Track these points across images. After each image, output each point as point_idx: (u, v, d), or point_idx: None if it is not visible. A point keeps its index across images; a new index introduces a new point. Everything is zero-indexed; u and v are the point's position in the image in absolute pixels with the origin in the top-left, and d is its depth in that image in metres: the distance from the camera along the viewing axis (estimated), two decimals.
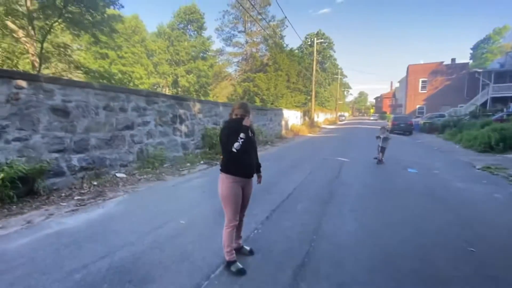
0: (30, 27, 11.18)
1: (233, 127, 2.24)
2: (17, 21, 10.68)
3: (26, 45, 11.74)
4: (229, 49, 28.85)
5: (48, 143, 4.88)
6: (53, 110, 4.95)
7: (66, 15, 9.87)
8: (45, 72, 12.25)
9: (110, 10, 11.06)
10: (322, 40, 38.39)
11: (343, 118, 54.17)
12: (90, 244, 2.59)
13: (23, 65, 13.27)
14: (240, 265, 2.30)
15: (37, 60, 11.72)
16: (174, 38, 38.78)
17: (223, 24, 28.21)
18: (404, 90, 38.71)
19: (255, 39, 26.17)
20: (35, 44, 11.50)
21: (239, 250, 2.55)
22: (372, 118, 56.45)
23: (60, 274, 2.11)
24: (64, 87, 5.12)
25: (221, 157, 2.43)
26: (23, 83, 4.49)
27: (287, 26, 27.27)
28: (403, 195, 4.75)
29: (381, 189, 5.09)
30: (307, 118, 24.96)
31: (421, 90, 33.59)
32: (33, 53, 11.66)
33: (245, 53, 26.09)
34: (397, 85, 54.74)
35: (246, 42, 26.71)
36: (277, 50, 22.88)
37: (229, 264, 2.30)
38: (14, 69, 10.84)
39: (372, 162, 7.78)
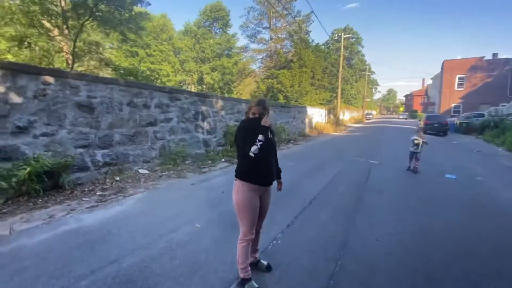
0: (64, 26, 11.69)
1: (250, 128, 1.98)
2: (52, 21, 11.19)
3: (61, 44, 12.31)
4: (253, 45, 28.69)
5: (73, 139, 4.97)
6: (78, 106, 5.03)
7: (96, 13, 10.19)
8: (78, 69, 12.78)
9: (137, 8, 11.29)
10: (350, 35, 36.99)
11: (370, 116, 52.08)
12: (103, 246, 2.51)
13: (60, 63, 13.96)
14: (255, 284, 2.05)
15: (71, 58, 12.27)
16: (200, 35, 39.35)
17: (247, 21, 28.05)
18: (437, 87, 36.32)
19: (279, 35, 25.74)
20: (68, 42, 12.02)
21: (255, 265, 2.30)
22: (401, 117, 53.66)
23: (67, 279, 2.03)
24: (89, 83, 5.19)
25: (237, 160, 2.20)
26: (50, 79, 4.58)
27: (313, 21, 26.55)
28: (444, 205, 4.23)
29: (416, 198, 4.59)
30: (332, 116, 24.18)
31: (458, 88, 31.26)
32: (67, 51, 12.21)
33: (269, 49, 25.75)
34: (430, 82, 51.53)
35: (271, 38, 26.34)
36: (302, 46, 22.30)
37: (243, 282, 2.06)
38: (50, 66, 11.39)
39: (404, 166, 7.15)
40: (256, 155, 1.88)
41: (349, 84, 43.94)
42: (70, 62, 12.24)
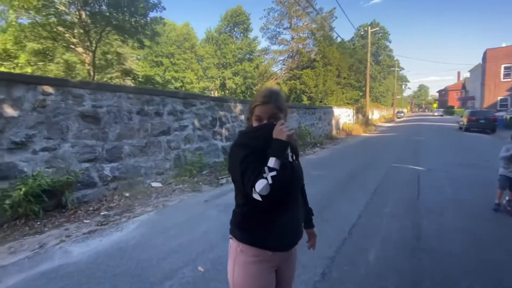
0: (86, 38, 11.80)
1: (254, 146, 1.06)
2: (74, 32, 11.30)
3: (83, 55, 12.47)
4: (274, 47, 27.96)
5: (78, 152, 4.56)
6: (82, 117, 4.61)
7: (114, 22, 10.13)
8: (100, 80, 12.87)
9: (153, 13, 11.18)
10: (377, 29, 35.05)
11: (402, 114, 49.05)
12: None
13: (84, 75, 14.24)
14: None
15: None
16: (221, 41, 39.52)
17: (268, 22, 27.42)
18: (478, 79, 33.09)
19: (301, 35, 24.80)
20: (90, 54, 12.12)
21: None
22: (436, 114, 49.82)
23: None
24: (94, 91, 4.77)
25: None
26: (50, 88, 4.19)
27: (336, 17, 25.31)
28: None
29: (495, 220, 3.39)
30: (360, 116, 22.71)
31: (504, 79, 28.10)
32: (89, 62, 12.33)
33: (291, 49, 24.89)
34: (467, 75, 47.40)
35: (292, 38, 25.48)
36: (326, 43, 21.19)
37: None
38: (72, 79, 11.51)
39: (460, 174, 5.70)
40: (266, 197, 0.95)
41: (377, 82, 41.64)
42: (92, 73, 12.34)
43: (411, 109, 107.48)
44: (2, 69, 8.17)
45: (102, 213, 4.16)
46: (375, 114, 32.53)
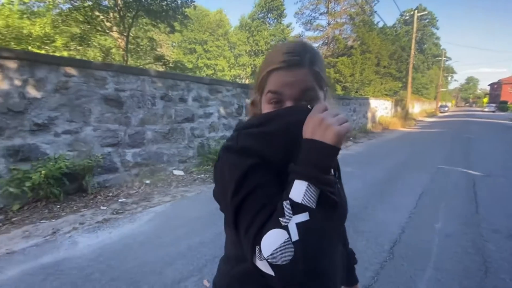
0: (121, 24, 11.95)
1: (264, 154, 0.54)
2: (110, 17, 11.47)
3: (118, 41, 12.69)
4: (308, 33, 26.64)
5: (100, 136, 4.46)
6: (105, 100, 4.49)
7: (145, 5, 10.08)
8: (132, 65, 13.07)
9: None
10: (424, 13, 31.97)
11: (446, 109, 44.98)
12: None
13: (119, 59, 14.60)
14: None
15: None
16: (254, 28, 38.78)
17: (303, 7, 26.09)
18: None
19: (338, 20, 23.27)
20: (125, 39, 12.29)
21: None
22: (486, 109, 44.97)
23: None
24: (117, 74, 4.61)
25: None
26: (72, 70, 4.07)
27: (378, 1, 23.31)
28: None
29: None
30: (399, 109, 21.03)
31: None
32: (123, 47, 12.53)
33: (326, 36, 23.52)
34: None
35: (329, 24, 24.03)
36: (365, 29, 19.62)
37: None
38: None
39: None
40: (284, 271, 0.45)
41: (420, 72, 38.40)
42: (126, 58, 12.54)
43: (456, 103, 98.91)
44: (43, 52, 8.47)
45: (120, 200, 4.04)
46: (416, 108, 30.10)
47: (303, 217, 0.46)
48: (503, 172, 5.52)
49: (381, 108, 17.95)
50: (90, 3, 9.11)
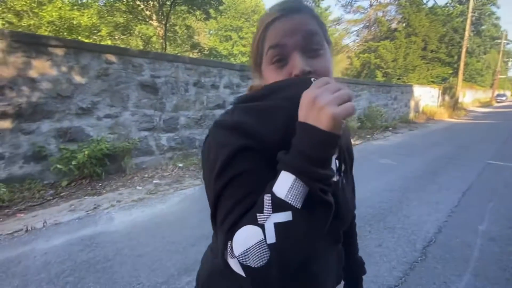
0: (160, 12, 12.33)
1: (260, 135, 0.45)
2: (150, 5, 11.90)
3: (157, 29, 13.15)
4: (348, 16, 25.29)
5: (137, 121, 4.72)
6: (142, 86, 4.70)
7: None
8: (171, 52, 13.50)
9: None
10: None
11: (504, 98, 40.07)
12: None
13: (159, 47, 15.18)
14: None
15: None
16: None
17: None
18: None
19: (382, 1, 21.60)
20: (163, 27, 12.69)
21: None
22: None
23: None
24: (153, 61, 4.78)
25: None
26: (112, 57, 4.31)
27: None
28: None
29: None
30: (447, 98, 19.21)
31: None
32: (162, 36, 12.97)
33: (367, 18, 22.03)
34: None
35: (371, 5, 22.43)
36: (412, 9, 17.96)
37: None
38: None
39: None
40: (254, 274, 0.38)
41: (475, 57, 34.42)
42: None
43: None
44: (90, 41, 9.11)
45: (154, 182, 4.27)
46: (467, 97, 27.26)
47: (285, 216, 0.39)
48: None
49: (426, 96, 16.54)
50: None
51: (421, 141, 8.10)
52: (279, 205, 0.39)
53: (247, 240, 0.39)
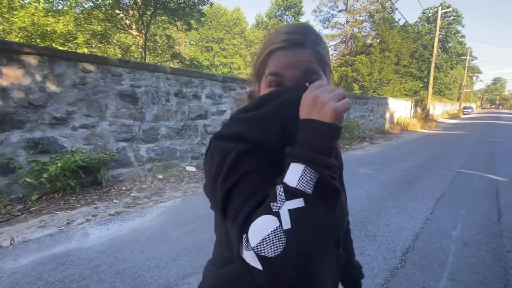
0: (140, 21, 12.20)
1: (260, 139, 0.49)
2: (129, 15, 11.74)
3: (137, 38, 12.98)
4: (326, 31, 26.29)
5: (115, 131, 4.57)
6: (121, 96, 4.58)
7: (164, 3, 10.23)
8: (150, 62, 13.33)
9: None
10: (449, 10, 30.64)
11: (469, 110, 43.02)
12: None
13: (137, 57, 14.94)
14: None
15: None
16: (271, 26, 38.59)
17: (321, 4, 25.71)
18: None
19: (357, 17, 22.73)
20: (143, 36, 12.54)
21: None
22: None
23: None
24: (133, 70, 4.69)
25: None
26: (90, 66, 4.18)
27: None
28: None
29: None
30: (419, 110, 20.30)
31: None
32: (142, 45, 12.79)
33: (344, 34, 23.05)
34: None
35: (347, 21, 23.52)
36: (385, 26, 19.05)
37: None
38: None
39: None
40: (273, 264, 0.39)
41: (442, 72, 36.85)
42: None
43: (481, 105, 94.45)
44: (66, 49, 8.79)
45: (132, 194, 4.12)
46: (437, 109, 28.95)
47: (298, 203, 0.41)
48: None
49: (400, 108, 17.40)
50: (110, 1, 9.36)
51: (397, 151, 8.45)
52: (292, 192, 0.42)
53: (263, 229, 0.40)
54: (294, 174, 0.43)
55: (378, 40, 19.29)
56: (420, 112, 20.07)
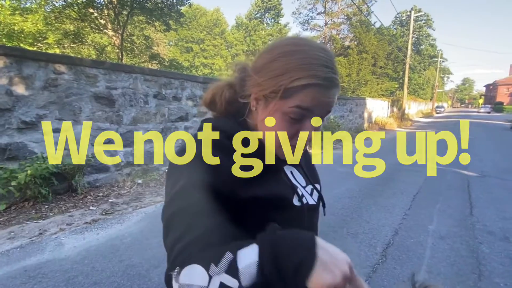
0: (115, 21, 11.80)
1: (223, 182, 0.50)
2: (104, 14, 11.32)
3: (113, 39, 12.54)
4: (306, 33, 26.65)
5: (91, 135, 4.36)
6: (96, 98, 4.40)
7: (141, 3, 9.97)
8: (128, 63, 12.93)
9: None
10: (421, 13, 32.11)
11: (442, 110, 45.28)
12: None
13: (115, 58, 14.45)
14: None
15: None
16: (251, 28, 38.69)
17: (300, 6, 26.11)
18: None
19: (335, 20, 23.30)
20: (120, 37, 12.15)
21: None
22: (482, 110, 45.21)
23: None
24: (109, 72, 4.52)
25: None
26: (62, 67, 3.98)
27: (376, 1, 23.34)
28: None
29: None
30: (395, 109, 21.09)
31: None
32: (118, 45, 12.38)
33: (323, 36, 23.54)
34: None
35: (326, 24, 24.05)
36: (362, 29, 19.66)
37: None
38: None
39: None
40: None
41: (416, 73, 38.55)
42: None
43: (452, 104, 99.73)
44: (35, 49, 8.33)
45: (110, 200, 3.96)
46: (412, 108, 30.22)
47: (232, 283, 0.38)
48: (498, 173, 5.52)
49: (377, 108, 17.99)
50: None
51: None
52: (233, 269, 0.38)
53: (193, 279, 0.39)
54: (248, 259, 0.39)
55: (355, 42, 19.87)
56: (396, 112, 20.86)
